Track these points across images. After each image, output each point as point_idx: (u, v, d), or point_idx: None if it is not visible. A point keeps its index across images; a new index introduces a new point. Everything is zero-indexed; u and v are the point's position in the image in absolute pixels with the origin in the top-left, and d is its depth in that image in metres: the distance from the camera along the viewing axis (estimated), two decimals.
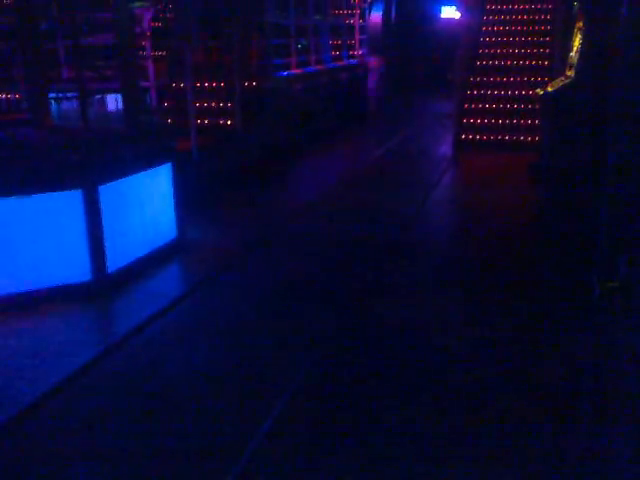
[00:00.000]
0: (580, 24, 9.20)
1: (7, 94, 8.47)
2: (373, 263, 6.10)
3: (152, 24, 12.09)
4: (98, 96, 9.79)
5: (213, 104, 10.30)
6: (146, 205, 5.96)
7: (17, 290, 5.07)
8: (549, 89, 9.46)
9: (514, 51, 12.79)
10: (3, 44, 9.15)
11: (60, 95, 7.43)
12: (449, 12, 20.05)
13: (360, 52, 16.25)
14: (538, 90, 9.99)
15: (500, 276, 5.76)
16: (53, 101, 7.61)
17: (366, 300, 5.29)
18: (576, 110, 8.09)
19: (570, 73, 9.21)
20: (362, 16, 16.61)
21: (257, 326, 4.85)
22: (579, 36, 9.08)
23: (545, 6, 13.43)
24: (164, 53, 11.42)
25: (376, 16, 18.15)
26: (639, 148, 4.70)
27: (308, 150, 11.64)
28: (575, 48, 9.26)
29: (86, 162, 5.30)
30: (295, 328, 4.76)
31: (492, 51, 12.92)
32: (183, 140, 7.95)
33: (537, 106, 10.65)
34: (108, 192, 5.34)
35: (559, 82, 9.54)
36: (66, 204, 5.15)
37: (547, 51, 12.52)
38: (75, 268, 5.26)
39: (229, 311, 5.12)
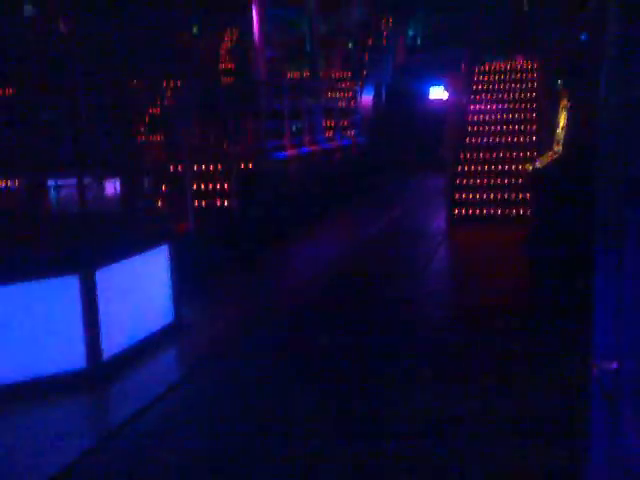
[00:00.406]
0: (565, 102, 9.53)
1: (6, 181, 8.65)
2: (367, 349, 5.97)
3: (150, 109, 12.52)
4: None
5: (210, 186, 10.49)
6: (143, 288, 5.96)
7: (9, 380, 4.98)
8: (538, 165, 9.68)
9: (502, 128, 13.18)
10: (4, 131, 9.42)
11: (59, 183, 7.59)
12: (437, 92, 20.77)
13: (353, 133, 16.72)
14: (527, 165, 10.24)
15: (485, 363, 5.47)
16: (52, 188, 7.76)
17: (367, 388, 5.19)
18: (565, 185, 8.25)
19: (558, 148, 9.46)
20: (354, 98, 17.20)
21: (255, 413, 4.73)
22: (564, 113, 9.39)
23: (530, 85, 13.96)
24: (161, 137, 11.72)
25: (367, 98, 18.79)
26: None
27: (303, 229, 11.75)
28: (561, 125, 9.56)
29: (83, 247, 5.34)
30: (290, 415, 4.65)
31: (481, 128, 13.31)
32: (180, 222, 8.05)
33: (527, 181, 10.87)
34: (105, 276, 5.35)
35: (547, 157, 9.78)
36: (62, 290, 5.14)
37: (534, 127, 12.91)
38: (69, 355, 5.18)
39: (226, 398, 5.02)
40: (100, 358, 5.29)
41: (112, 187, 9.65)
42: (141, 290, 5.93)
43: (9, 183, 8.35)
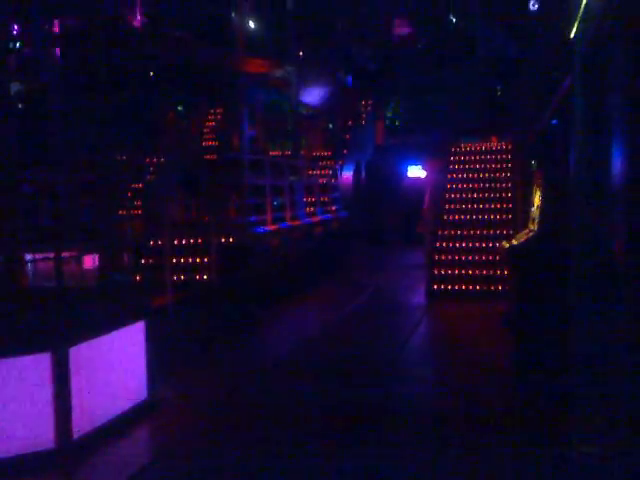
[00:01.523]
0: (539, 181, 9.81)
1: None
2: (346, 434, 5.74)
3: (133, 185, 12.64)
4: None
5: (190, 260, 10.48)
6: (117, 366, 5.82)
7: None
8: (514, 242, 9.84)
9: (479, 206, 13.47)
10: None
11: (36, 257, 7.55)
12: (415, 171, 21.32)
13: (333, 208, 16.97)
14: (504, 243, 10.39)
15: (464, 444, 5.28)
16: (29, 263, 7.70)
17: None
18: (541, 262, 8.37)
19: (533, 227, 9.64)
20: (335, 176, 17.57)
21: None
22: (538, 192, 9.64)
23: (505, 165, 14.40)
24: (141, 211, 11.80)
25: (348, 176, 19.22)
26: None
27: (283, 303, 11.69)
28: (536, 204, 9.79)
29: (56, 324, 5.24)
30: None
31: (458, 206, 13.59)
32: (159, 296, 7.97)
33: (504, 258, 11.01)
34: (78, 354, 5.23)
35: (523, 235, 9.95)
36: (33, 368, 5.00)
37: (510, 206, 13.21)
38: (37, 435, 4.99)
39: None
40: (70, 438, 5.09)
41: (91, 260, 9.61)
42: (115, 367, 5.79)
43: None
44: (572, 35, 5.42)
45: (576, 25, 5.19)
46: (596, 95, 4.61)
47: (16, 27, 11.13)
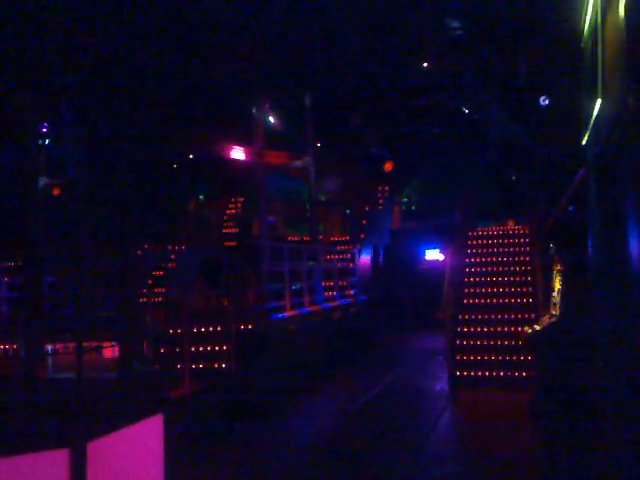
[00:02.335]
0: (558, 266, 9.78)
1: (4, 345, 8.63)
2: None
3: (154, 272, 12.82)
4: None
5: (209, 348, 10.44)
6: (134, 459, 5.69)
7: None
8: (536, 327, 9.70)
9: (499, 290, 13.37)
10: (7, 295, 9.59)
11: (56, 348, 7.60)
12: (433, 254, 21.38)
13: (351, 292, 16.96)
14: (526, 328, 10.25)
15: None
16: (49, 355, 7.74)
17: None
18: (564, 349, 8.22)
19: (555, 311, 9.53)
20: (352, 260, 17.68)
21: None
22: (558, 277, 9.59)
23: (524, 249, 14.39)
24: (161, 299, 11.90)
25: (366, 260, 19.32)
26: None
27: (302, 391, 11.48)
28: (556, 288, 9.72)
29: (75, 418, 5.19)
30: None
31: (477, 290, 13.50)
32: (178, 386, 7.90)
33: (526, 343, 10.83)
34: (96, 448, 5.13)
35: (545, 320, 9.83)
36: (50, 463, 4.91)
37: (530, 289, 13.10)
38: None
39: None
40: None
41: (111, 349, 9.62)
42: (132, 461, 5.66)
43: (8, 347, 8.34)
44: (584, 142, 5.62)
45: (587, 134, 5.38)
46: (610, 187, 4.69)
47: (45, 127, 11.75)
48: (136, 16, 9.18)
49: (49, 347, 7.97)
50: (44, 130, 11.59)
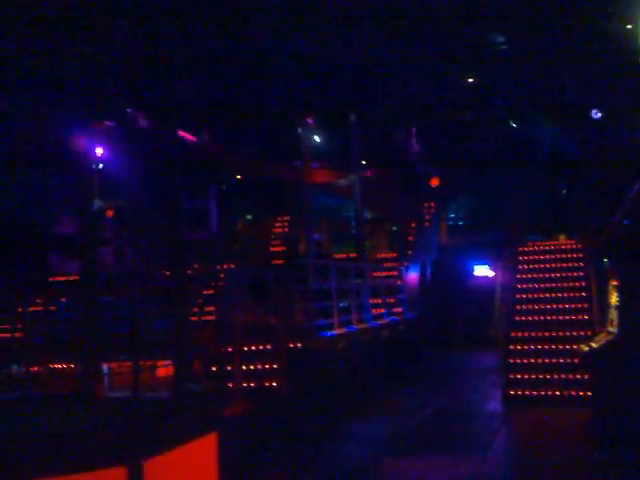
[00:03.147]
0: (614, 281, 9.49)
1: (62, 364, 8.89)
2: None
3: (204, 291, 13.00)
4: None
5: (259, 366, 10.50)
6: (189, 478, 5.75)
7: None
8: (593, 345, 9.43)
9: (552, 306, 13.05)
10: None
11: (112, 367, 7.79)
12: (482, 270, 21.04)
13: (400, 310, 16.81)
14: (582, 346, 9.96)
15: None
16: (106, 375, 7.92)
17: None
18: (623, 367, 7.96)
19: (612, 329, 9.25)
20: (400, 277, 17.54)
21: None
22: (615, 293, 9.31)
23: (577, 264, 14.02)
24: (211, 318, 12.03)
25: (413, 276, 19.13)
26: None
27: (352, 410, 11.40)
28: (613, 304, 9.44)
29: (132, 437, 5.28)
30: None
31: (530, 307, 13.21)
32: (230, 405, 7.95)
33: (583, 362, 10.51)
34: (152, 467, 5.21)
35: (602, 337, 9.54)
36: None
37: (585, 305, 12.75)
38: None
39: None
40: None
41: (164, 368, 9.78)
42: (187, 479, 5.73)
43: (65, 366, 8.59)
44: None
45: None
46: None
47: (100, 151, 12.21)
48: (184, 44, 9.43)
49: (105, 366, 8.16)
50: (98, 155, 12.01)
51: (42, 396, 7.96)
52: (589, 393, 10.01)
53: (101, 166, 12.27)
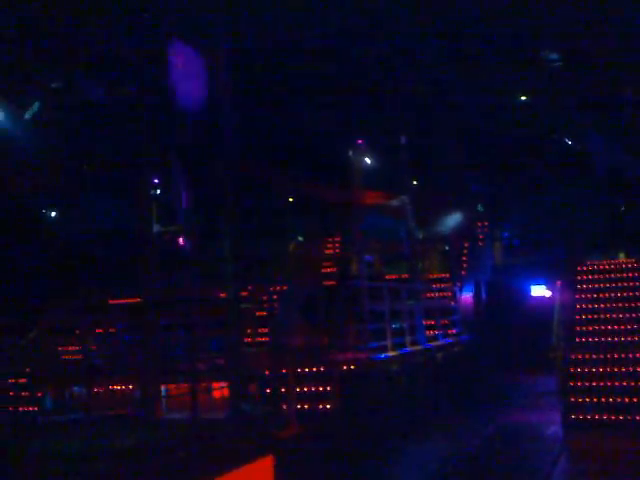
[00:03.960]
0: None
1: (122, 386, 9.11)
2: None
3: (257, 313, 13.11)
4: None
5: (312, 388, 10.48)
6: None
7: None
8: None
9: (614, 327, 12.62)
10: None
11: (170, 389, 7.95)
12: (539, 291, 20.52)
13: (454, 331, 16.52)
14: None
15: None
16: (165, 397, 8.07)
17: None
18: None
19: None
20: (454, 298, 17.28)
21: None
22: None
23: (638, 284, 13.54)
24: (264, 339, 12.11)
25: (467, 297, 18.81)
26: None
27: (407, 433, 11.23)
28: None
29: (190, 459, 5.36)
30: None
31: (591, 328, 12.81)
32: (284, 428, 7.97)
33: None
34: None
35: None
36: None
37: None
38: None
39: None
40: None
41: (218, 391, 9.89)
42: None
43: (124, 387, 8.80)
44: None
45: None
46: None
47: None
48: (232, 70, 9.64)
49: (163, 388, 8.33)
50: (155, 181, 12.41)
51: (103, 417, 8.17)
52: None
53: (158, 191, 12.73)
